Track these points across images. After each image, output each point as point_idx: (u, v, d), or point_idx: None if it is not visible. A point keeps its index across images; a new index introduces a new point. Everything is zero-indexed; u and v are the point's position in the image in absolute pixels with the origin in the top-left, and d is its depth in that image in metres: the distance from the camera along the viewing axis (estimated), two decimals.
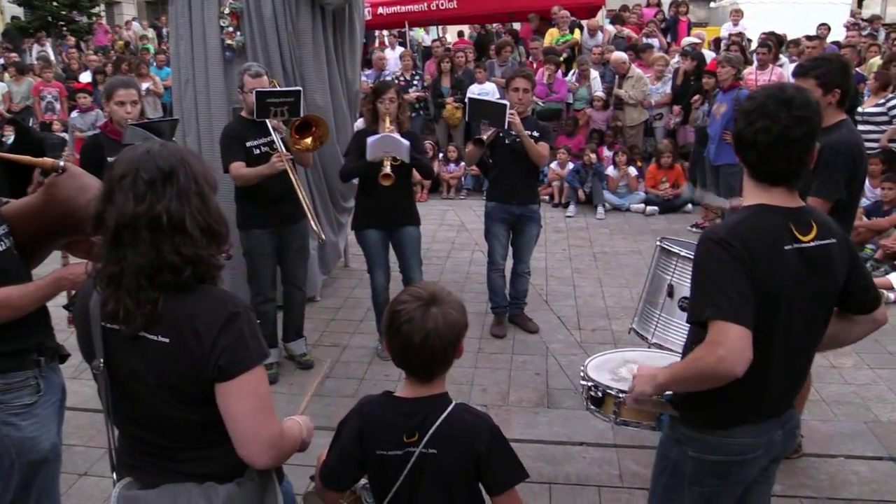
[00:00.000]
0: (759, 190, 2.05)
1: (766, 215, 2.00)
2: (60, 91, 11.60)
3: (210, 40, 5.39)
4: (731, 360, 1.85)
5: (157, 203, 1.63)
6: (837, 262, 2.06)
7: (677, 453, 2.20)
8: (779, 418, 2.14)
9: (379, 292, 5.03)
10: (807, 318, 2.05)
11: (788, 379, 2.13)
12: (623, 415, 2.46)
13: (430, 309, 1.83)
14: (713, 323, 1.89)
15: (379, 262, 4.98)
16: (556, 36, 11.62)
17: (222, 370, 1.65)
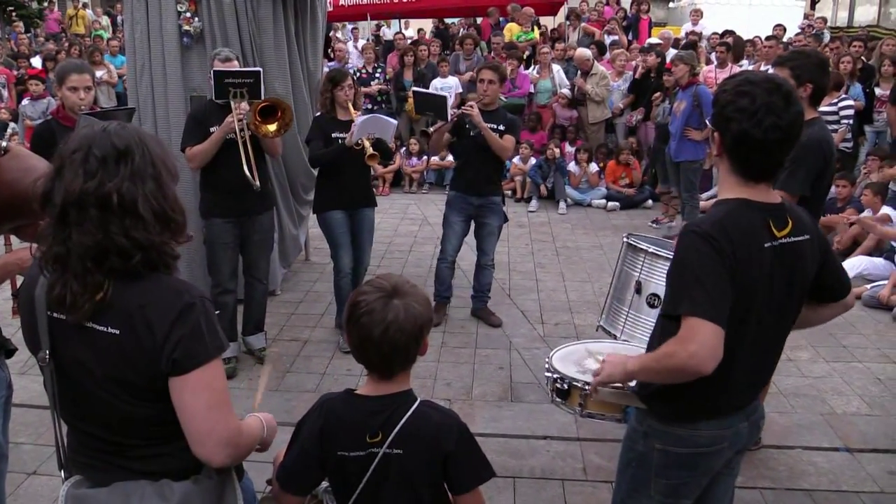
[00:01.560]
0: (740, 185, 2.01)
1: (748, 211, 1.97)
2: (8, 78, 11.21)
3: (167, 26, 5.22)
4: (702, 356, 1.84)
5: (108, 181, 1.54)
6: (808, 258, 2.05)
7: (644, 446, 2.18)
8: (744, 410, 2.14)
9: (343, 275, 5.01)
10: (776, 314, 2.04)
11: (756, 373, 2.13)
12: (589, 407, 2.43)
13: (392, 301, 1.76)
14: (687, 318, 1.86)
15: (344, 244, 4.97)
16: (517, 32, 11.61)
17: (176, 363, 1.56)
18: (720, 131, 1.98)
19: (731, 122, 1.94)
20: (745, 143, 1.94)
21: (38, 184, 1.61)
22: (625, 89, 9.88)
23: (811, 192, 3.34)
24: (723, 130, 1.97)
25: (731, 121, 1.94)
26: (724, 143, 1.98)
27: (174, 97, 5.27)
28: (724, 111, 1.95)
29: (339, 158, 4.77)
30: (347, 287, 5.03)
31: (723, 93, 1.98)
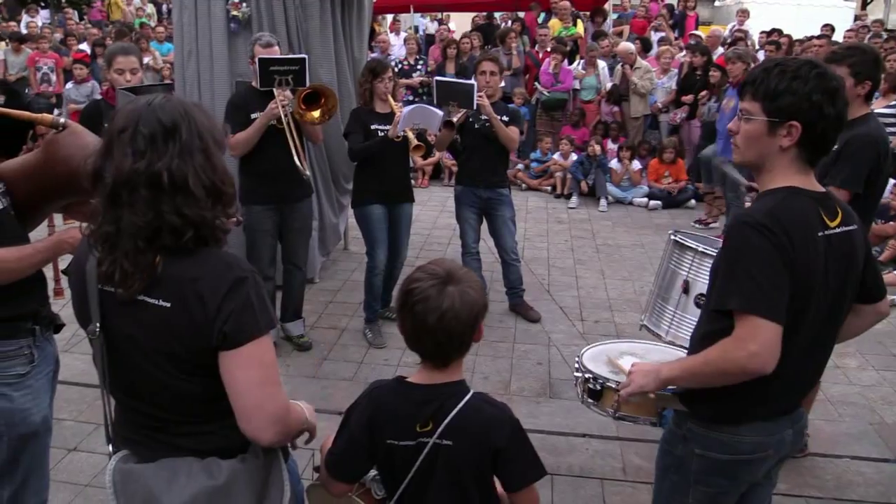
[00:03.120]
0: (792, 172, 1.91)
1: (800, 199, 1.87)
2: (56, 62, 11.40)
3: (215, 10, 5.25)
4: (764, 357, 1.75)
5: (158, 160, 1.51)
6: (859, 248, 1.96)
7: (682, 450, 2.07)
8: (790, 416, 2.03)
9: (378, 271, 4.97)
10: (830, 310, 1.94)
11: (806, 374, 2.03)
12: (623, 409, 2.29)
13: (447, 287, 1.71)
14: (744, 316, 1.78)
15: (381, 239, 4.93)
16: (559, 28, 11.48)
17: (227, 337, 1.54)
18: (802, 120, 1.84)
19: (821, 107, 1.83)
20: (825, 128, 1.86)
21: (89, 161, 1.60)
22: (669, 86, 9.72)
23: (864, 191, 3.22)
24: (806, 118, 1.83)
25: (819, 106, 1.83)
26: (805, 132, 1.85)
27: (220, 82, 5.30)
28: (812, 98, 1.82)
29: (379, 151, 4.73)
30: (379, 284, 5.02)
31: (797, 79, 1.84)
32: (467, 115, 4.97)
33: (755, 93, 1.90)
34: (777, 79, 1.86)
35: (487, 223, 5.37)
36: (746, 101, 1.94)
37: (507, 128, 5.03)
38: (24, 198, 2.38)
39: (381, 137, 4.69)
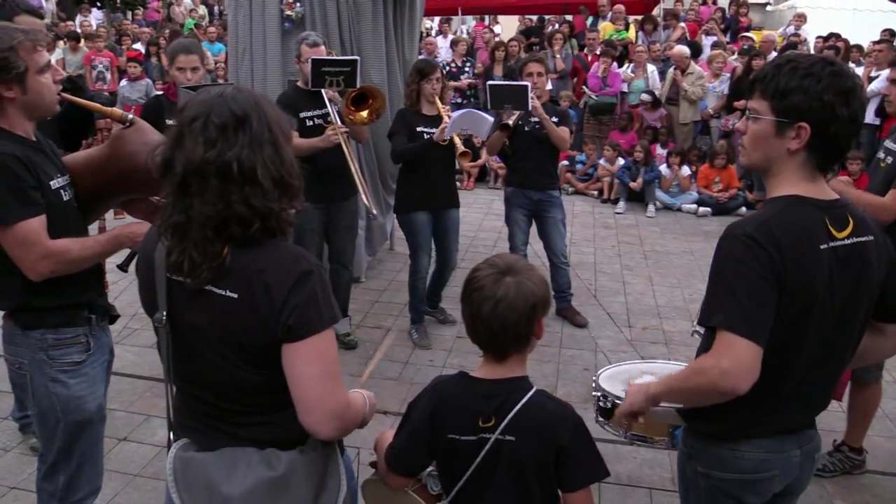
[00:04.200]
0: (798, 179, 1.77)
1: (802, 209, 1.74)
2: (111, 61, 11.65)
3: (269, 10, 5.30)
4: (736, 375, 1.65)
5: (228, 149, 1.51)
6: (874, 261, 1.81)
7: (689, 469, 1.98)
8: (796, 436, 1.90)
9: (422, 276, 4.96)
10: (839, 326, 1.80)
11: (812, 392, 1.89)
12: (634, 429, 2.20)
13: (504, 278, 1.70)
14: (721, 333, 1.68)
15: (424, 246, 4.92)
16: (610, 31, 11.38)
17: (291, 330, 1.53)
18: (812, 121, 1.71)
19: (833, 108, 1.70)
20: (837, 131, 1.72)
21: (157, 152, 1.61)
22: (721, 91, 9.54)
23: None
24: (816, 119, 1.70)
25: (830, 107, 1.70)
26: (815, 134, 1.72)
27: (273, 81, 5.34)
28: (823, 97, 1.69)
29: (424, 155, 4.68)
30: (423, 287, 5.01)
31: (808, 77, 1.71)
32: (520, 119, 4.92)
33: (764, 90, 1.77)
34: (788, 76, 1.73)
35: (537, 225, 5.32)
36: (755, 99, 1.79)
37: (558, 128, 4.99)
38: (86, 191, 2.42)
39: (425, 140, 4.63)
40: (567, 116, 5.28)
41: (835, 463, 3.62)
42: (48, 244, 2.17)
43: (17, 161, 2.13)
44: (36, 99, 2.21)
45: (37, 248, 2.15)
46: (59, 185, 2.29)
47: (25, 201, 2.14)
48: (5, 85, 2.14)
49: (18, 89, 2.16)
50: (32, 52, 2.17)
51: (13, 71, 2.13)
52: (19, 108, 2.21)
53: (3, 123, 2.20)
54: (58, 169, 2.33)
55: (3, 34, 2.14)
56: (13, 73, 2.13)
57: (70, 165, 2.41)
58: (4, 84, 2.14)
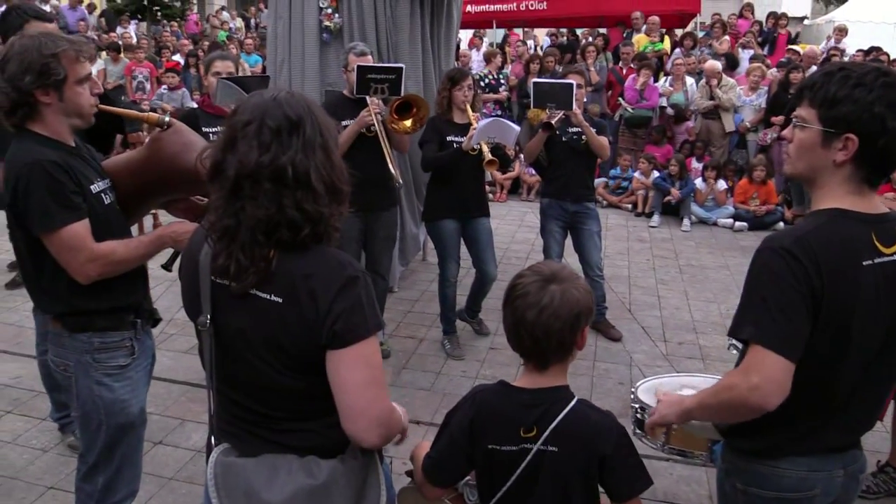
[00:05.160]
0: (844, 193, 1.72)
1: (846, 223, 1.69)
2: (151, 71, 11.86)
3: (308, 21, 5.37)
4: (765, 391, 1.61)
5: (283, 153, 1.51)
6: None
7: (728, 486, 1.92)
8: (840, 455, 1.83)
9: (451, 284, 4.95)
10: (887, 345, 1.74)
11: (857, 411, 1.82)
12: (672, 442, 2.16)
13: (549, 285, 1.69)
14: (752, 346, 1.64)
15: (453, 254, 4.90)
16: (645, 43, 11.31)
17: (336, 336, 1.53)
18: (860, 133, 1.65)
19: (884, 120, 1.64)
20: (886, 144, 1.66)
21: (206, 155, 1.61)
22: (758, 104, 9.43)
23: None
24: (865, 131, 1.65)
25: (881, 119, 1.64)
26: (863, 146, 1.66)
27: (311, 91, 5.38)
28: (874, 108, 1.63)
29: (453, 163, 4.66)
30: (453, 296, 4.99)
31: (860, 87, 1.65)
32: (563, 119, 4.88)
33: (812, 98, 1.71)
34: (838, 84, 1.67)
35: (572, 237, 5.28)
36: (803, 107, 1.74)
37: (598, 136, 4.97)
38: (127, 194, 2.46)
39: (455, 149, 4.62)
40: (604, 128, 5.26)
41: (879, 484, 3.53)
42: (94, 247, 2.20)
43: (58, 167, 2.17)
44: (71, 108, 2.25)
45: (83, 251, 2.19)
46: (99, 189, 2.32)
47: (68, 206, 2.17)
48: (43, 90, 2.18)
49: (55, 95, 2.20)
50: (75, 62, 2.21)
51: (52, 77, 2.17)
52: (56, 114, 2.24)
53: (42, 129, 2.24)
54: (98, 173, 2.37)
55: (50, 41, 2.19)
56: (52, 80, 2.17)
57: (110, 169, 2.45)
58: (43, 89, 2.18)
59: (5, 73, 2.16)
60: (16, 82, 2.15)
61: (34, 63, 2.14)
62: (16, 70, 2.15)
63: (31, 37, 2.22)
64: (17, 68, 2.14)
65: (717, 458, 2.05)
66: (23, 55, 2.15)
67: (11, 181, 2.16)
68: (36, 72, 2.15)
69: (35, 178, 2.13)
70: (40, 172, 2.14)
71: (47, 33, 2.27)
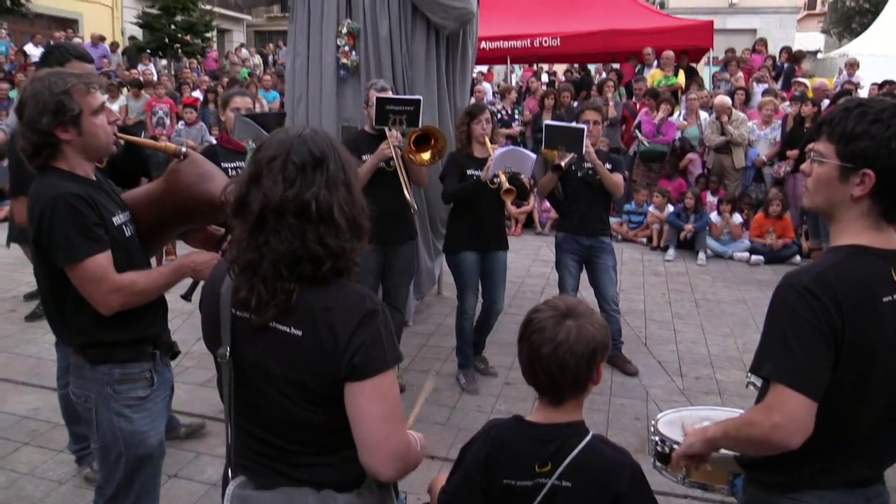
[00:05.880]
0: (862, 228, 1.73)
1: (865, 259, 1.69)
2: (171, 107, 12.07)
3: (326, 58, 5.46)
4: (787, 429, 1.61)
5: (307, 189, 1.54)
6: None
7: None
8: (863, 490, 1.81)
9: (468, 316, 4.96)
10: None
11: (882, 447, 1.81)
12: (693, 475, 2.15)
13: (565, 321, 1.69)
14: (774, 384, 1.64)
15: (472, 286, 4.92)
16: (659, 77, 11.39)
17: (355, 369, 1.54)
18: (877, 168, 1.67)
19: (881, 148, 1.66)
20: None
21: (230, 189, 1.65)
22: (772, 138, 9.45)
23: None
24: (882, 167, 1.67)
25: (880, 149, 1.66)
26: (880, 182, 1.68)
27: (328, 126, 5.46)
28: (890, 144, 1.65)
29: (473, 195, 4.72)
30: (470, 329, 5.00)
31: (877, 123, 1.68)
32: (573, 159, 4.94)
33: (831, 133, 1.74)
34: (855, 120, 1.69)
35: (588, 271, 5.29)
36: (821, 141, 1.77)
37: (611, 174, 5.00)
38: (147, 225, 2.50)
39: (474, 180, 4.69)
40: (620, 164, 5.29)
41: None
42: (116, 278, 2.24)
43: (81, 199, 2.21)
44: (92, 140, 2.30)
45: (106, 282, 2.22)
46: (120, 222, 2.37)
47: (91, 238, 2.21)
48: (62, 127, 2.23)
49: (74, 131, 2.25)
50: (86, 94, 2.26)
51: (68, 113, 2.22)
52: (77, 150, 2.29)
53: (65, 165, 2.29)
54: (118, 206, 2.41)
55: (58, 78, 2.24)
56: (68, 116, 2.22)
57: (130, 201, 2.49)
58: (61, 126, 2.23)
59: (24, 118, 2.23)
60: (35, 125, 2.21)
61: (48, 103, 2.20)
62: (32, 113, 2.21)
63: (38, 78, 2.27)
64: (34, 111, 2.21)
65: (739, 492, 2.04)
66: (36, 97, 2.21)
67: (36, 216, 2.21)
68: (51, 111, 2.20)
69: (59, 211, 2.18)
70: (64, 205, 2.18)
71: (55, 72, 2.32)
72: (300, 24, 5.62)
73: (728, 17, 24.06)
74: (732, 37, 21.24)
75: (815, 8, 38.37)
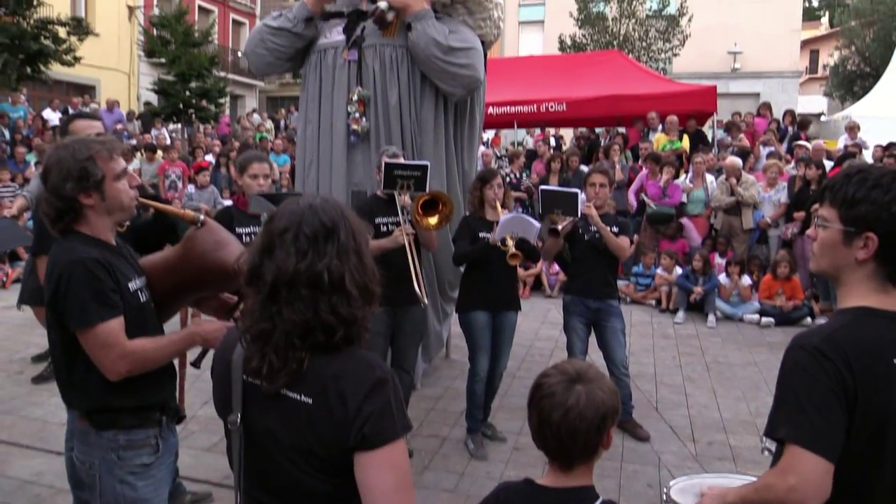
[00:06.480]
0: (868, 290, 1.75)
1: (873, 321, 1.72)
2: (183, 170, 12.29)
3: (337, 124, 5.58)
4: (804, 492, 1.60)
5: (319, 260, 1.57)
6: None
7: None
8: None
9: (479, 378, 4.93)
10: None
11: None
12: None
13: (575, 385, 1.70)
14: (790, 446, 1.64)
15: (484, 346, 4.91)
16: (664, 142, 11.55)
17: (365, 439, 1.53)
18: (879, 232, 1.71)
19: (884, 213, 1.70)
20: None
21: (242, 260, 1.67)
22: (777, 200, 9.51)
23: None
24: (884, 230, 1.71)
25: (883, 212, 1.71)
26: (883, 245, 1.72)
27: (337, 190, 5.55)
28: (891, 209, 1.69)
29: (484, 257, 4.77)
30: (481, 392, 4.97)
31: (877, 188, 1.72)
32: (574, 224, 5.01)
33: (833, 199, 1.79)
34: (856, 186, 1.75)
35: (596, 335, 5.28)
36: (824, 207, 1.82)
37: (616, 238, 5.03)
38: (162, 292, 2.52)
39: (483, 243, 4.76)
40: (627, 227, 5.34)
41: None
42: (126, 345, 2.25)
43: (99, 265, 2.24)
44: (114, 204, 2.34)
45: (116, 348, 2.23)
46: (136, 287, 2.39)
47: (105, 304, 2.24)
48: (85, 193, 2.28)
49: (97, 196, 2.30)
50: (109, 160, 2.32)
51: (91, 179, 2.27)
52: (99, 214, 2.34)
53: (87, 229, 2.34)
54: (135, 271, 2.44)
55: (82, 145, 2.31)
56: (91, 182, 2.27)
57: (147, 267, 2.52)
58: (84, 192, 2.28)
59: (48, 185, 2.28)
60: (59, 191, 2.26)
61: (72, 169, 2.25)
62: (56, 180, 2.26)
63: (63, 145, 2.33)
64: (58, 177, 2.26)
65: None
66: (60, 164, 2.27)
67: (54, 278, 2.24)
68: (75, 178, 2.25)
69: (76, 275, 2.21)
70: (82, 270, 2.21)
71: (78, 139, 2.38)
72: (312, 91, 5.77)
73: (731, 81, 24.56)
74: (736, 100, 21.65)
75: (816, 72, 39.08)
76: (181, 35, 20.31)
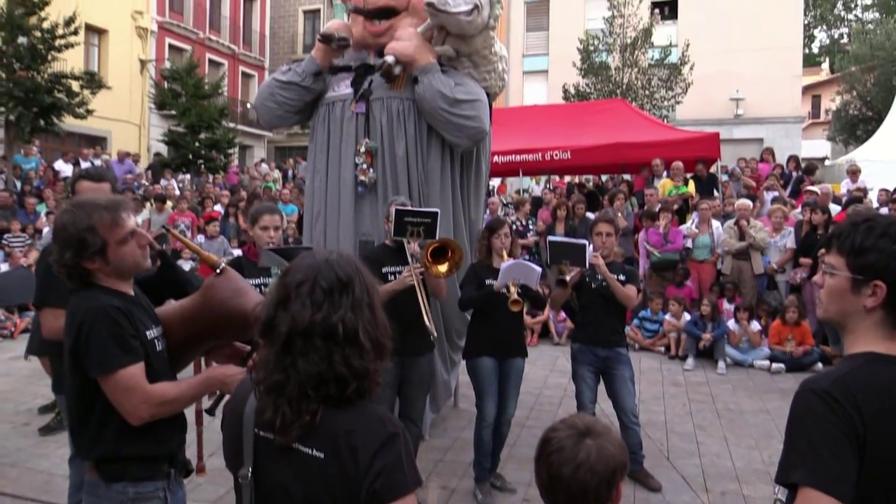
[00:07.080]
0: (876, 338, 1.75)
1: (882, 367, 1.71)
2: (192, 220, 12.41)
3: (345, 175, 5.64)
4: None
5: (334, 312, 1.60)
6: None
7: None
8: None
9: (486, 424, 4.91)
10: None
11: None
12: None
13: (584, 440, 1.70)
14: (804, 490, 1.61)
15: (491, 392, 4.91)
16: (669, 187, 11.62)
17: (376, 494, 1.54)
18: (888, 280, 1.73)
19: None
20: None
21: (258, 310, 1.70)
22: (782, 245, 9.51)
23: None
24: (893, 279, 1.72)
25: None
26: (891, 293, 1.73)
27: (345, 241, 5.59)
28: None
29: (488, 303, 4.81)
30: (489, 439, 4.94)
31: (884, 237, 1.75)
32: (581, 274, 5.04)
33: (840, 247, 1.81)
34: (864, 234, 1.77)
35: (605, 383, 5.26)
36: (832, 254, 1.84)
37: (623, 286, 5.05)
38: (178, 341, 2.54)
39: (487, 289, 4.82)
40: (634, 275, 5.36)
41: None
42: (148, 389, 2.28)
43: (119, 312, 2.29)
44: (120, 266, 2.38)
45: (138, 393, 2.26)
46: (153, 336, 2.42)
47: (127, 349, 2.27)
48: (87, 260, 2.33)
49: (101, 261, 2.34)
50: (112, 226, 2.35)
51: (90, 249, 2.31)
52: (109, 274, 2.38)
53: (105, 283, 2.38)
54: (153, 321, 2.48)
55: (84, 213, 2.33)
56: (90, 251, 2.31)
57: (164, 317, 2.55)
58: (85, 260, 2.32)
59: (54, 248, 2.34)
60: (62, 259, 2.32)
61: (71, 239, 2.30)
62: (58, 247, 2.32)
63: (67, 211, 2.37)
64: (59, 245, 2.32)
65: None
66: (62, 231, 2.32)
67: (75, 325, 2.27)
68: (74, 248, 2.30)
69: (98, 321, 2.25)
70: (103, 316, 2.25)
71: (81, 203, 2.40)
72: (320, 142, 5.85)
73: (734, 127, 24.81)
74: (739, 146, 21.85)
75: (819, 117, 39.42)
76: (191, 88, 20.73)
